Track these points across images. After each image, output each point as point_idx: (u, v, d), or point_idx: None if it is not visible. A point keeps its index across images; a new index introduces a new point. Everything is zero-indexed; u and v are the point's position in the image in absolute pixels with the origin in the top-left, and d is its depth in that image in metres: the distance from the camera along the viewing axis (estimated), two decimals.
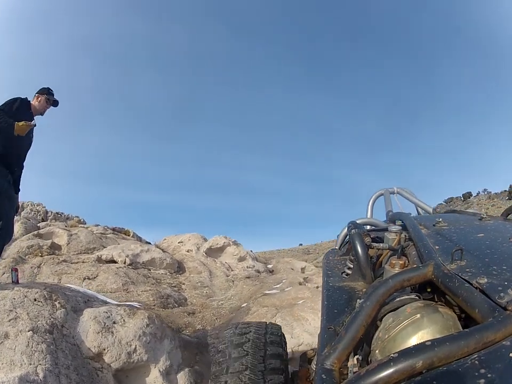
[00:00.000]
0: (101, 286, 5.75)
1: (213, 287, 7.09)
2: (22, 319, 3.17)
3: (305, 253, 12.32)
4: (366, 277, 1.38)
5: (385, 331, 0.91)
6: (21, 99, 3.69)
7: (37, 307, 3.38)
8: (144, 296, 5.66)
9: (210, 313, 5.78)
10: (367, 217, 2.80)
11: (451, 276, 0.90)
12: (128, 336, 3.41)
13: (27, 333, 3.03)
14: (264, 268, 8.57)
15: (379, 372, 0.66)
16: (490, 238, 1.26)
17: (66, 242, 7.56)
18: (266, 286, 6.88)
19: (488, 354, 0.65)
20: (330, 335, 1.00)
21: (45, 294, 3.56)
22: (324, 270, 1.68)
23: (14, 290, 3.47)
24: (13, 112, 3.53)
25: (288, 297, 5.58)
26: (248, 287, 7.09)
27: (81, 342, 3.33)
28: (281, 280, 7.13)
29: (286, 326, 4.57)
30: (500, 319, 0.69)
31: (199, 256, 8.10)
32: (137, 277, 6.28)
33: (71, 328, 3.40)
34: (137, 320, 3.58)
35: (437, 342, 0.67)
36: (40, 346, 2.99)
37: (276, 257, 10.67)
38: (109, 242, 8.08)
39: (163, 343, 3.68)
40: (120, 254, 6.87)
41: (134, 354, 3.36)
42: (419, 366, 0.65)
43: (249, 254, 8.69)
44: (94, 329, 3.37)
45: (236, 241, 8.85)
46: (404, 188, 3.29)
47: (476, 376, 0.60)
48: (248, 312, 5.22)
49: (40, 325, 3.17)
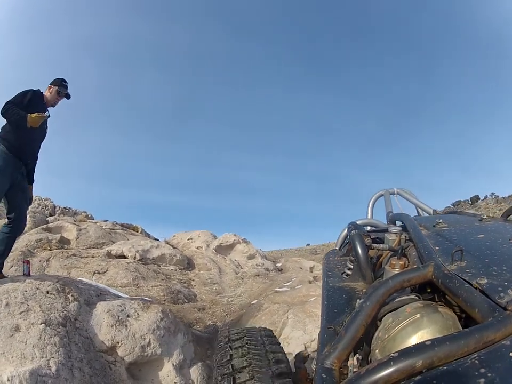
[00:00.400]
0: (111, 281, 5.72)
1: (222, 284, 7.04)
2: (34, 311, 3.12)
3: (313, 253, 12.29)
4: (366, 278, 1.38)
5: (385, 331, 0.90)
6: (32, 91, 3.63)
7: (49, 300, 3.35)
8: (155, 291, 5.63)
9: (220, 309, 5.74)
10: (367, 218, 2.82)
11: (451, 276, 0.90)
12: (142, 330, 3.37)
13: (39, 326, 2.99)
14: (273, 266, 8.51)
15: (379, 371, 0.66)
16: (490, 239, 1.26)
17: (75, 236, 7.54)
18: (276, 283, 6.82)
19: (488, 354, 0.64)
20: (330, 334, 1.00)
21: (57, 286, 3.53)
22: (324, 270, 1.69)
23: (26, 283, 3.43)
24: (25, 104, 3.48)
25: (299, 295, 5.52)
26: (257, 284, 7.04)
27: (95, 335, 3.30)
28: (291, 279, 7.07)
29: (298, 322, 4.53)
30: (499, 319, 0.69)
31: (208, 253, 8.07)
32: (147, 272, 6.25)
33: (84, 321, 3.37)
34: (151, 314, 3.54)
35: (437, 341, 0.67)
36: (53, 339, 2.95)
37: (284, 256, 10.60)
38: (118, 237, 8.06)
39: (176, 337, 3.64)
40: (130, 249, 6.85)
41: (148, 348, 3.33)
42: (419, 366, 0.65)
43: (258, 252, 8.65)
44: (107, 322, 3.34)
45: (245, 239, 8.82)
46: (404, 189, 3.29)
47: (476, 375, 0.60)
48: (259, 309, 5.16)
49: (53, 318, 3.14)
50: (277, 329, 4.51)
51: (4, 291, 3.21)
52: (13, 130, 3.46)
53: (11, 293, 3.23)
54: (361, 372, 0.69)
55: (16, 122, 3.42)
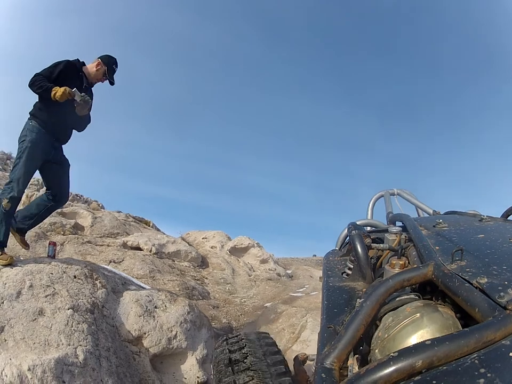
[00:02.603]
0: (127, 271, 5.69)
1: (235, 284, 7.02)
2: (61, 295, 3.00)
3: (319, 264, 12.22)
4: (366, 277, 1.38)
5: (385, 330, 0.91)
6: (67, 61, 3.22)
7: (77, 284, 3.24)
8: (170, 286, 5.60)
9: (234, 309, 5.71)
10: (368, 219, 2.82)
11: (451, 276, 0.90)
12: (170, 322, 3.33)
13: (67, 311, 2.86)
14: (284, 272, 8.50)
15: (379, 371, 0.67)
16: (490, 238, 1.26)
17: (90, 224, 7.53)
18: (290, 289, 6.80)
19: (488, 354, 0.64)
20: (330, 334, 1.00)
21: (85, 271, 3.44)
22: (324, 270, 1.69)
23: (52, 265, 3.31)
24: (54, 76, 3.11)
25: (316, 300, 5.48)
26: (270, 288, 7.02)
27: (121, 324, 3.23)
28: (304, 285, 7.06)
29: (317, 326, 4.49)
30: (499, 319, 0.69)
31: (222, 254, 8.07)
32: (162, 266, 6.24)
33: (111, 309, 3.30)
34: (179, 306, 3.51)
35: (437, 341, 0.68)
36: (81, 326, 2.82)
37: (293, 264, 10.60)
38: (132, 229, 8.07)
39: (201, 331, 3.61)
40: (146, 242, 6.84)
41: (174, 341, 3.28)
42: (419, 365, 0.65)
43: (271, 257, 8.66)
44: (135, 312, 3.29)
45: (259, 244, 8.85)
46: (404, 190, 3.29)
47: (476, 375, 0.60)
48: (275, 311, 5.12)
49: (81, 303, 3.03)
50: (295, 331, 4.48)
51: (27, 272, 3.07)
52: (44, 107, 3.18)
53: (36, 275, 3.09)
54: (361, 371, 0.70)
55: (42, 96, 3.10)
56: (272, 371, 1.85)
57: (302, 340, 4.31)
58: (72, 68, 3.24)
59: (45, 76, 3.09)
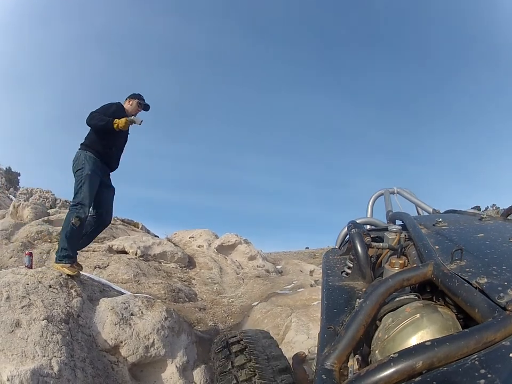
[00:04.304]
0: (112, 276, 5.65)
1: (223, 284, 6.98)
2: (36, 306, 3.00)
3: (312, 256, 12.26)
4: (365, 277, 1.37)
5: (384, 331, 0.90)
6: (116, 104, 3.96)
7: (52, 294, 3.22)
8: (155, 289, 5.56)
9: (221, 310, 5.67)
10: (367, 217, 2.81)
11: (451, 276, 0.89)
12: (147, 329, 3.28)
13: (41, 322, 2.87)
14: (273, 268, 8.45)
15: (379, 372, 0.66)
16: (490, 238, 1.26)
17: None
18: (277, 286, 6.77)
19: (488, 355, 0.64)
20: (330, 334, 0.99)
21: (60, 280, 3.41)
22: (324, 269, 1.67)
23: (28, 276, 3.31)
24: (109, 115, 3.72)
25: (302, 298, 5.45)
26: (258, 286, 6.99)
27: (97, 334, 3.19)
28: (292, 282, 7.03)
29: (302, 326, 4.47)
30: (499, 319, 0.69)
31: (210, 252, 8.00)
32: (148, 269, 6.19)
33: (87, 318, 3.26)
34: (156, 312, 3.46)
35: (437, 342, 0.67)
36: (56, 337, 2.83)
37: (283, 258, 10.57)
38: (119, 233, 8.00)
39: (180, 337, 3.56)
40: (131, 245, 6.79)
41: (151, 349, 3.24)
42: (419, 366, 0.65)
43: (259, 253, 8.60)
44: (111, 320, 3.24)
45: (246, 240, 8.76)
46: (404, 188, 3.28)
47: (476, 376, 0.60)
48: (262, 311, 5.09)
49: (55, 314, 3.02)
50: (280, 332, 4.45)
51: (4, 283, 3.10)
52: (98, 138, 3.72)
53: (12, 286, 3.10)
54: (361, 372, 0.69)
55: (103, 128, 3.64)
56: (273, 366, 1.88)
57: (287, 341, 4.28)
58: (119, 108, 3.94)
59: (101, 113, 3.72)
